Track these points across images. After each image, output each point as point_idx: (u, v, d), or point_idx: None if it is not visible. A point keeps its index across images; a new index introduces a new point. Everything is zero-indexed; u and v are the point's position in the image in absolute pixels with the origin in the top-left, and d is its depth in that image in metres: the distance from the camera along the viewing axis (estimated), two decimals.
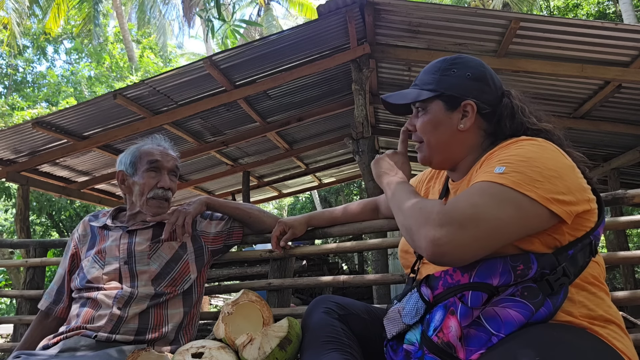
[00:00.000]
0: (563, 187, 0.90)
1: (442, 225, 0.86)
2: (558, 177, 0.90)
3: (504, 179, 0.89)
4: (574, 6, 12.11)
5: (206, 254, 1.63)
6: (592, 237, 0.94)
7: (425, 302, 0.98)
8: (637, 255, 1.53)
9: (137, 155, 1.61)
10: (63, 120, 4.93)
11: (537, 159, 0.92)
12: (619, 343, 0.87)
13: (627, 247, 6.54)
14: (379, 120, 6.64)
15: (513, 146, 0.98)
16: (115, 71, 15.70)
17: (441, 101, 1.11)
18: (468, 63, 1.12)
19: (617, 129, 5.20)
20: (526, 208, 0.87)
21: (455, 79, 1.10)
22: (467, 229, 0.85)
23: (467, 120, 1.09)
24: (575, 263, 0.91)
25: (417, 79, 1.18)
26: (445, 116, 1.10)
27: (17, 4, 12.32)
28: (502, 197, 0.88)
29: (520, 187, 0.88)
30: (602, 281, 0.96)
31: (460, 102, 1.09)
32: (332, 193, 16.66)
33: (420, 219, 0.92)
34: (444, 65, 1.13)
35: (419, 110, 1.16)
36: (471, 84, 1.10)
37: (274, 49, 4.37)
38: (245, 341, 1.18)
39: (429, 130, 1.12)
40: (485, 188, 0.90)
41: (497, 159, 0.97)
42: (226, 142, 6.27)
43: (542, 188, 0.88)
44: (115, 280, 1.46)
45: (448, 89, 1.10)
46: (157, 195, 1.57)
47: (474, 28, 4.01)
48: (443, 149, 1.13)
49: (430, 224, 0.88)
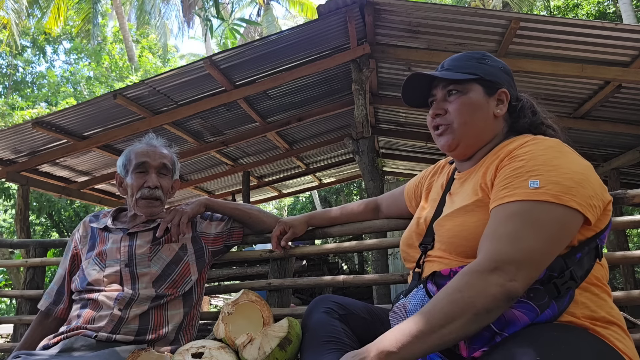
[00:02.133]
0: (591, 190, 0.91)
1: (503, 275, 0.83)
2: (586, 179, 0.91)
3: (544, 194, 0.88)
4: (574, 6, 12.11)
5: (207, 255, 1.63)
6: (598, 240, 0.95)
7: (431, 297, 0.98)
8: (637, 255, 1.53)
9: (128, 157, 1.62)
10: (63, 120, 4.93)
11: (564, 165, 0.92)
12: (620, 344, 0.88)
13: (627, 247, 6.54)
14: (379, 120, 6.64)
15: (531, 146, 0.98)
16: (114, 71, 15.70)
17: (480, 85, 1.12)
18: (497, 59, 1.18)
19: (617, 129, 5.20)
20: (569, 219, 0.88)
21: (491, 68, 1.14)
22: (525, 268, 0.84)
23: (502, 107, 1.12)
24: (582, 266, 0.91)
25: (447, 64, 1.17)
26: (484, 100, 1.11)
27: (16, 4, 12.31)
28: (547, 218, 0.87)
29: (560, 199, 0.87)
30: (605, 283, 0.97)
31: (497, 89, 1.12)
32: (332, 193, 16.65)
33: (475, 289, 0.83)
34: (477, 55, 1.16)
35: (452, 93, 1.13)
36: (504, 75, 1.15)
37: (274, 49, 4.36)
38: (245, 341, 1.18)
39: (468, 111, 1.10)
40: (527, 211, 0.89)
41: (519, 163, 0.96)
42: (226, 142, 6.27)
43: (579, 195, 0.88)
44: (116, 283, 1.46)
45: (487, 75, 1.12)
46: (144, 195, 1.56)
47: (474, 28, 4.01)
48: (475, 133, 1.11)
49: (490, 286, 0.83)
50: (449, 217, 1.06)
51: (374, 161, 4.32)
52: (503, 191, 0.94)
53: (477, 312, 0.82)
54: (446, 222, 1.05)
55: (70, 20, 16.71)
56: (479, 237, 0.95)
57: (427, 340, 0.82)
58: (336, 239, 9.62)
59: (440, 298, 0.86)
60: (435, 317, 0.83)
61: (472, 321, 0.82)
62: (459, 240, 1.00)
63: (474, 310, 0.82)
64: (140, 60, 15.68)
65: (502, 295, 0.82)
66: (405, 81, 1.18)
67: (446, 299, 0.85)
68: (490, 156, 1.08)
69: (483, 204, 1.00)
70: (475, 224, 0.98)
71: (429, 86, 1.19)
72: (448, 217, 1.06)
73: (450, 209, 1.07)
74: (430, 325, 0.82)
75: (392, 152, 8.02)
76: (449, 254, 1.02)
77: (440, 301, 0.85)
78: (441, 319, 0.82)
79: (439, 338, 0.82)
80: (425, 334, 0.82)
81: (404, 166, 8.75)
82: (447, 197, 1.17)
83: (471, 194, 1.04)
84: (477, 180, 1.05)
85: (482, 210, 0.99)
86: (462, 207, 1.03)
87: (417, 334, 0.82)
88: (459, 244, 0.99)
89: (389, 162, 8.52)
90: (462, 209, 1.03)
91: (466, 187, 1.09)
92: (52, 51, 19.23)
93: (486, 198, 1.00)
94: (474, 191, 1.04)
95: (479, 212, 0.99)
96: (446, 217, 1.06)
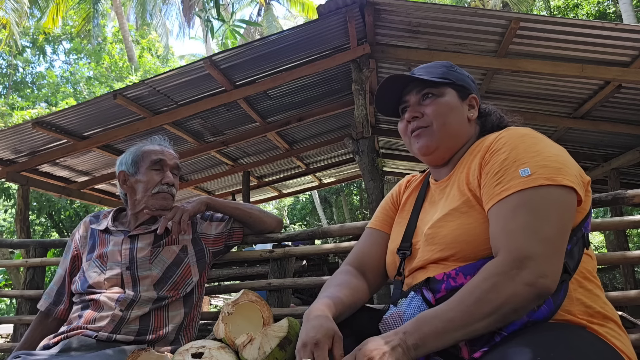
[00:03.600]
0: (575, 169, 0.95)
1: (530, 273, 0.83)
2: (568, 160, 0.95)
3: (538, 179, 0.90)
4: (574, 6, 12.11)
5: (207, 255, 1.63)
6: (583, 228, 0.96)
7: (429, 305, 0.98)
8: (637, 255, 1.54)
9: (139, 154, 1.61)
10: (63, 120, 4.93)
11: (545, 149, 0.95)
12: (618, 342, 0.88)
13: (627, 247, 6.54)
14: (379, 120, 6.64)
15: (507, 138, 1.00)
16: (114, 71, 15.71)
17: (454, 90, 1.15)
18: (462, 69, 1.22)
19: (617, 129, 5.20)
20: (567, 198, 0.90)
21: (461, 75, 1.19)
22: (551, 259, 0.84)
23: (474, 112, 1.17)
24: (573, 257, 0.92)
25: (420, 71, 1.18)
26: (459, 103, 1.15)
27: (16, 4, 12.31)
28: (549, 201, 0.88)
29: (554, 180, 0.89)
30: (595, 275, 0.97)
31: (468, 95, 1.17)
32: (332, 193, 16.67)
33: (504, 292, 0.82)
34: (446, 64, 1.21)
35: (427, 97, 1.14)
36: (472, 83, 1.21)
37: (274, 49, 4.37)
38: (245, 341, 1.18)
39: (445, 112, 1.12)
40: (528, 200, 0.89)
41: (502, 156, 0.96)
42: (226, 142, 6.27)
43: (568, 174, 0.91)
44: (117, 286, 1.46)
45: (459, 80, 1.17)
46: (162, 190, 1.58)
47: (474, 28, 4.01)
48: (453, 134, 1.13)
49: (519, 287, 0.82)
50: (442, 221, 1.03)
51: (374, 161, 4.32)
52: (497, 187, 0.94)
53: (504, 313, 0.83)
54: (440, 229, 1.03)
55: (70, 20, 16.71)
56: (479, 239, 0.95)
57: (450, 336, 0.83)
58: (336, 239, 9.62)
59: (465, 299, 0.85)
60: (461, 317, 0.83)
61: (498, 321, 0.83)
62: (460, 244, 0.98)
63: (502, 312, 0.82)
64: (141, 60, 15.68)
65: (532, 295, 0.82)
66: (379, 87, 1.18)
67: (471, 300, 0.84)
68: (467, 156, 1.10)
69: (473, 204, 1.00)
70: (472, 225, 0.97)
71: (399, 94, 1.19)
72: (441, 221, 1.03)
73: (439, 214, 1.06)
74: (455, 325, 0.83)
75: (392, 152, 8.02)
76: (447, 259, 1.00)
77: (465, 302, 0.85)
78: (466, 319, 0.83)
79: (459, 336, 0.83)
80: (448, 331, 0.83)
81: (404, 166, 8.76)
82: (425, 206, 1.17)
83: (458, 195, 1.03)
84: (462, 181, 1.05)
85: (475, 210, 0.99)
86: (454, 209, 1.02)
87: (442, 331, 0.83)
88: (460, 248, 0.98)
89: (389, 162, 8.52)
90: (454, 210, 1.02)
91: (450, 191, 1.09)
92: (51, 51, 19.25)
93: (474, 198, 1.00)
94: (461, 192, 1.03)
95: (474, 213, 0.99)
96: (439, 222, 1.04)
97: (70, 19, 16.64)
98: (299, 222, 18.95)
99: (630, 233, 11.81)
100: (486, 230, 0.94)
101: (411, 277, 1.09)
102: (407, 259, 1.11)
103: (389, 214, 1.29)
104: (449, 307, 0.86)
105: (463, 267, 0.96)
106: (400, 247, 1.14)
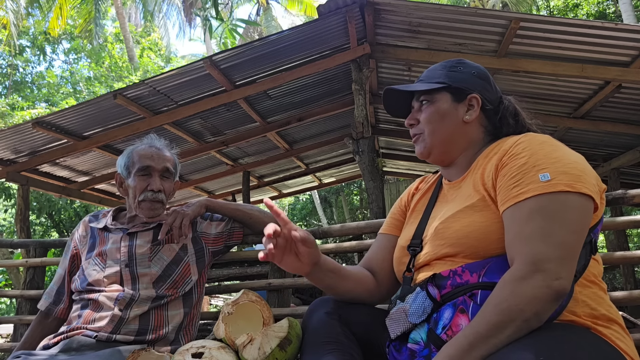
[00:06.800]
0: (593, 177, 0.95)
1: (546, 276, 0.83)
2: (586, 168, 0.95)
3: (558, 185, 0.90)
4: (574, 6, 12.10)
5: (207, 255, 1.63)
6: (592, 234, 0.95)
7: (433, 300, 0.98)
8: (637, 255, 1.54)
9: (130, 158, 1.60)
10: (63, 120, 4.93)
11: (564, 156, 0.95)
12: (622, 343, 0.88)
13: (627, 247, 6.53)
14: (379, 120, 6.64)
15: (526, 143, 1.00)
16: (114, 71, 15.71)
17: (448, 93, 1.15)
18: (472, 64, 1.20)
19: (617, 129, 5.20)
20: (585, 205, 0.90)
21: (462, 74, 1.16)
22: (566, 262, 0.85)
23: (472, 113, 1.14)
24: (579, 261, 0.92)
25: (423, 75, 1.22)
26: (451, 107, 1.14)
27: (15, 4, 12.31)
28: (567, 207, 0.88)
29: (574, 187, 0.89)
30: (600, 280, 0.98)
31: (467, 95, 1.14)
32: (332, 193, 16.66)
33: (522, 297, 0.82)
34: (450, 64, 1.19)
35: (423, 103, 1.17)
36: (476, 80, 1.16)
37: (274, 49, 4.36)
38: (245, 341, 1.18)
39: (436, 119, 1.14)
40: (546, 205, 0.89)
41: (522, 160, 0.96)
42: (226, 142, 6.27)
43: (587, 182, 0.91)
44: (116, 283, 1.46)
45: (455, 82, 1.15)
46: (147, 197, 1.55)
47: (474, 28, 4.01)
48: (445, 140, 1.14)
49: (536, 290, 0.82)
50: (454, 217, 1.04)
51: (374, 161, 4.32)
52: (514, 189, 0.93)
53: (526, 318, 0.82)
54: (453, 224, 1.03)
55: (71, 20, 16.71)
56: (489, 237, 0.95)
57: (477, 352, 0.82)
58: (336, 238, 9.62)
59: (487, 310, 0.85)
60: (485, 329, 0.82)
61: (522, 328, 0.82)
62: (470, 241, 0.98)
63: (524, 317, 0.82)
64: (141, 60, 15.68)
65: (550, 297, 0.82)
66: (383, 97, 1.23)
67: (493, 310, 0.84)
68: (482, 158, 1.09)
69: (488, 203, 1.00)
70: (485, 223, 0.97)
71: (411, 96, 1.23)
72: (454, 217, 1.04)
73: (453, 210, 1.06)
74: (480, 337, 0.82)
75: (392, 152, 8.02)
76: (456, 256, 1.00)
77: (487, 313, 0.84)
78: (490, 330, 0.82)
79: (488, 349, 0.82)
80: (475, 346, 0.82)
81: (404, 166, 8.75)
82: (437, 205, 1.17)
83: (474, 194, 1.04)
84: (477, 181, 1.05)
85: (489, 210, 0.99)
86: (469, 206, 1.02)
87: (468, 347, 0.82)
88: (470, 244, 0.98)
89: (389, 162, 8.52)
90: (468, 207, 1.02)
91: (465, 190, 1.09)
92: (51, 51, 19.24)
93: (489, 197, 1.00)
94: (476, 191, 1.03)
95: (487, 212, 0.99)
96: (452, 218, 1.04)
97: (70, 19, 16.62)
98: (299, 222, 18.95)
99: (630, 233, 11.80)
100: (498, 230, 0.95)
101: (418, 273, 1.09)
102: (417, 256, 1.12)
103: (397, 219, 1.32)
104: (471, 323, 0.86)
105: (469, 265, 0.96)
106: (410, 243, 1.15)
